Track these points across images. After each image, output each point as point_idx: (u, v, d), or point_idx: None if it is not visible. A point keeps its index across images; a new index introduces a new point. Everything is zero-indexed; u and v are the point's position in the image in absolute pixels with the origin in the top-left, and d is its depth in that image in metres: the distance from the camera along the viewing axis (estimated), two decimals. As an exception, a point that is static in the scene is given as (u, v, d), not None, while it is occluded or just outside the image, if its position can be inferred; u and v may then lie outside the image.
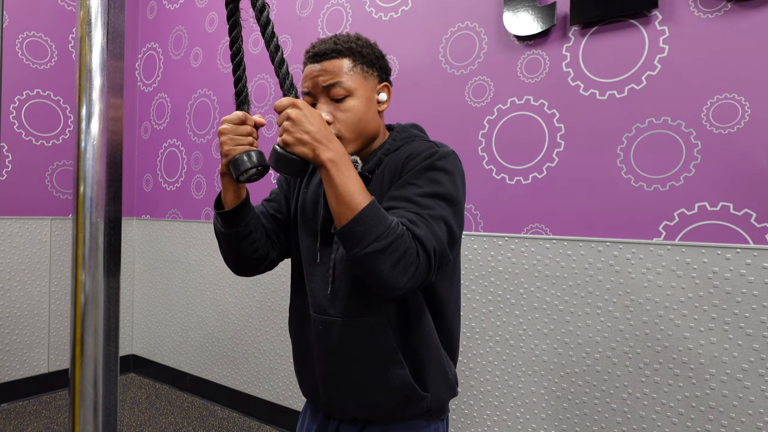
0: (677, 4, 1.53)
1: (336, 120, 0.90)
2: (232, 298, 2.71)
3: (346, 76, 0.90)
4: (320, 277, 0.96)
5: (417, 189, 0.85)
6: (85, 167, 0.43)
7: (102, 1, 0.43)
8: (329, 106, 0.90)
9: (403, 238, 0.77)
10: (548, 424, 1.74)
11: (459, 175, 0.90)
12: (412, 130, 1.00)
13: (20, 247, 2.77)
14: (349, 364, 0.95)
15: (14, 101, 2.76)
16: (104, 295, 0.44)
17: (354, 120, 0.91)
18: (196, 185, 2.93)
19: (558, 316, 1.72)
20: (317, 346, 0.98)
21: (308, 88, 0.92)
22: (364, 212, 0.77)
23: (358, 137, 0.92)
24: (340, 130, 0.90)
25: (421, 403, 0.94)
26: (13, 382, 2.75)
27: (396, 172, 0.91)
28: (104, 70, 0.44)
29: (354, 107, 0.91)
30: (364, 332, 0.92)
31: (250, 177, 0.85)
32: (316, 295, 0.97)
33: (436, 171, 0.86)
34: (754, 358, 1.41)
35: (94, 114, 0.43)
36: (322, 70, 0.90)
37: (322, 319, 0.95)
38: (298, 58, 2.45)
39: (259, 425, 2.54)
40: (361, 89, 0.92)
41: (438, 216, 0.83)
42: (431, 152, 0.88)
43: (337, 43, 0.91)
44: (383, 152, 0.95)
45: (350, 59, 0.91)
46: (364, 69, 0.93)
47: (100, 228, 0.44)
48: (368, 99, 0.93)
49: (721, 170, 1.47)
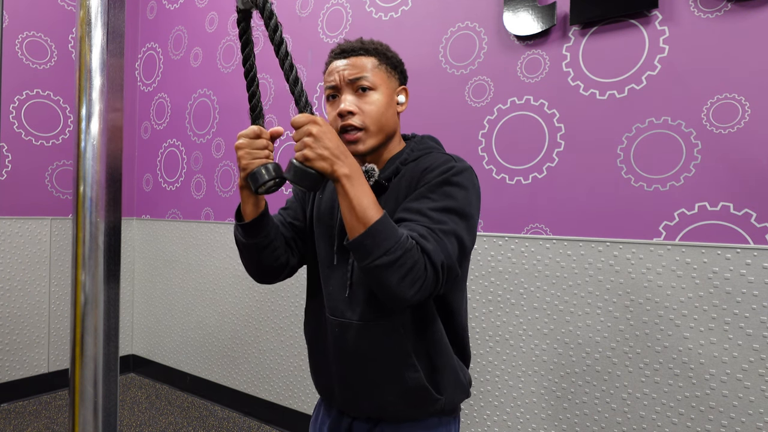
0: (677, 4, 1.53)
1: (360, 111, 0.94)
2: (232, 298, 2.71)
3: (372, 72, 0.95)
4: (337, 280, 0.99)
5: (431, 203, 0.87)
6: (85, 167, 0.43)
7: (102, 1, 0.43)
8: (354, 98, 0.94)
9: (412, 253, 0.79)
10: (548, 424, 1.74)
11: (474, 190, 0.92)
12: (429, 142, 1.03)
13: (20, 247, 2.77)
14: (364, 365, 0.98)
15: (14, 101, 2.76)
16: (104, 295, 0.44)
17: (377, 113, 0.94)
18: (196, 185, 2.93)
19: (558, 316, 1.72)
20: (333, 348, 1.00)
21: (333, 81, 0.96)
22: (375, 226, 0.79)
23: (380, 131, 0.95)
24: (364, 121, 0.94)
25: (435, 404, 0.97)
26: (13, 382, 2.75)
27: (413, 183, 0.93)
28: (104, 70, 0.44)
29: (377, 101, 0.95)
30: (380, 335, 0.95)
31: (269, 189, 0.88)
32: (333, 298, 1.00)
33: (451, 186, 0.89)
34: (754, 358, 1.41)
35: (94, 114, 0.43)
36: (348, 65, 0.95)
37: (339, 321, 0.98)
38: (299, 58, 2.45)
39: (259, 425, 2.54)
40: (384, 86, 0.96)
41: (449, 231, 0.85)
42: (448, 167, 0.91)
43: (363, 44, 0.97)
44: (401, 161, 0.97)
45: (376, 58, 0.96)
46: (388, 69, 0.98)
47: (100, 228, 0.43)
48: (390, 97, 0.97)
49: (721, 170, 1.47)
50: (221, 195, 2.79)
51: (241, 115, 2.71)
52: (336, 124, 0.95)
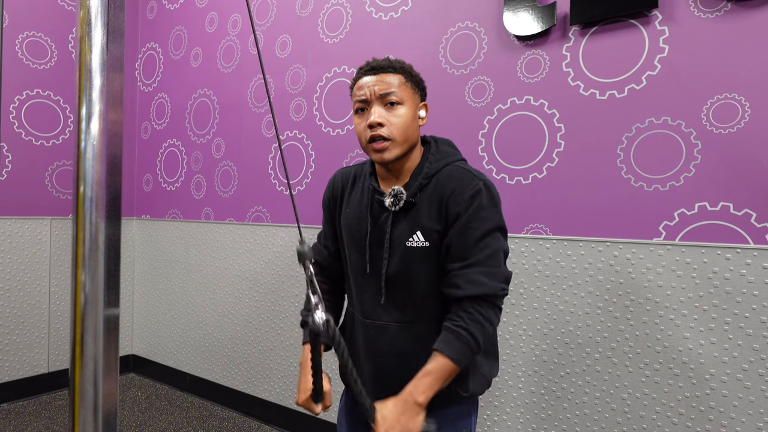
0: (677, 4, 1.53)
1: (389, 123, 1.03)
2: (232, 299, 2.71)
3: (399, 88, 1.04)
4: (372, 287, 1.10)
5: (474, 232, 1.01)
6: (85, 167, 0.43)
7: (102, 1, 0.43)
8: (383, 110, 1.03)
9: (477, 334, 0.98)
10: (548, 424, 1.74)
11: (499, 200, 1.05)
12: (445, 149, 1.11)
13: (20, 247, 2.77)
14: (396, 363, 1.08)
15: (14, 101, 2.76)
16: (104, 295, 0.44)
17: (404, 125, 1.03)
18: (196, 185, 2.93)
19: (558, 316, 1.72)
20: (366, 347, 1.12)
21: (364, 96, 1.05)
22: (460, 365, 0.97)
23: (405, 141, 1.04)
24: (392, 132, 1.02)
25: (460, 400, 1.09)
26: (13, 382, 2.75)
27: (442, 205, 1.03)
28: (104, 70, 0.44)
29: (404, 114, 1.04)
30: (413, 337, 1.06)
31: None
32: (368, 303, 1.11)
33: (485, 209, 1.01)
34: (754, 358, 1.41)
35: (94, 114, 0.43)
36: (378, 81, 1.04)
37: (374, 324, 1.10)
38: (299, 57, 2.45)
39: (259, 425, 2.54)
40: (410, 102, 1.06)
41: (495, 252, 1.01)
42: (475, 191, 1.02)
43: (391, 62, 1.06)
44: (423, 177, 1.06)
45: (402, 76, 1.06)
46: (413, 86, 1.07)
47: (100, 228, 0.43)
48: (414, 111, 1.07)
49: (721, 170, 1.47)
50: (221, 195, 2.79)
51: (241, 114, 2.71)
52: (365, 133, 1.04)
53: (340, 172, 1.22)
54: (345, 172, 1.21)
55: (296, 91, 2.46)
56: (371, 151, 1.04)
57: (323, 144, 2.37)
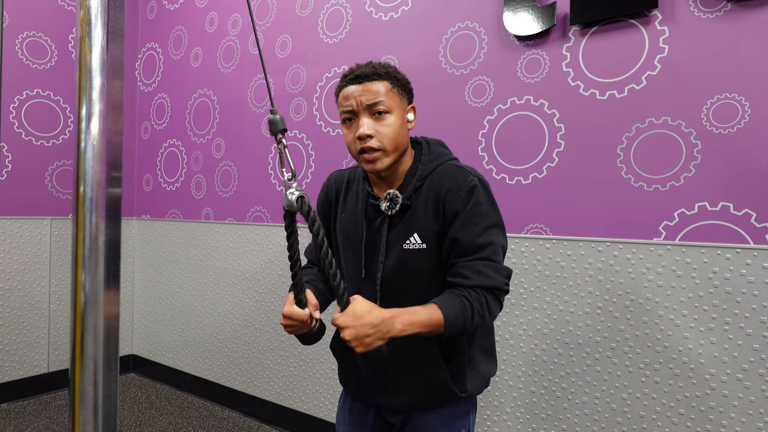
0: (677, 4, 1.53)
1: (378, 133, 1.01)
2: (232, 298, 2.71)
3: (386, 96, 1.02)
4: (367, 290, 1.08)
5: (475, 228, 1.00)
6: (85, 167, 0.43)
7: (102, 1, 0.43)
8: (371, 121, 1.02)
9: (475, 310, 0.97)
10: (548, 424, 1.74)
11: (492, 196, 1.06)
12: (437, 149, 1.11)
13: (20, 247, 2.77)
14: (394, 367, 1.07)
15: (14, 101, 2.76)
16: (104, 295, 0.44)
17: (393, 134, 1.02)
18: (196, 185, 2.93)
19: (558, 316, 1.72)
20: None
21: (350, 107, 1.02)
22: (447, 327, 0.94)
23: (396, 149, 1.03)
24: (382, 142, 1.01)
25: (459, 401, 1.10)
26: (13, 382, 2.75)
27: (439, 204, 1.03)
28: (104, 70, 0.44)
29: (393, 123, 1.02)
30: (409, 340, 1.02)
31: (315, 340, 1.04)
32: None
33: (482, 205, 1.02)
34: (754, 358, 1.41)
35: (94, 114, 0.43)
36: (364, 90, 1.01)
37: None
38: (299, 57, 2.45)
39: (259, 425, 2.54)
40: (397, 108, 1.04)
41: (496, 249, 1.02)
42: (470, 187, 1.01)
43: (375, 68, 1.03)
44: (417, 179, 1.06)
45: (388, 82, 1.03)
46: (399, 91, 1.05)
47: (100, 228, 0.43)
48: (402, 117, 1.05)
49: (721, 170, 1.47)
50: (221, 195, 2.79)
51: (241, 114, 2.71)
52: (355, 145, 1.03)
53: (333, 175, 1.21)
54: (338, 175, 1.20)
55: (296, 91, 2.46)
56: (362, 162, 1.04)
57: (323, 144, 2.37)
